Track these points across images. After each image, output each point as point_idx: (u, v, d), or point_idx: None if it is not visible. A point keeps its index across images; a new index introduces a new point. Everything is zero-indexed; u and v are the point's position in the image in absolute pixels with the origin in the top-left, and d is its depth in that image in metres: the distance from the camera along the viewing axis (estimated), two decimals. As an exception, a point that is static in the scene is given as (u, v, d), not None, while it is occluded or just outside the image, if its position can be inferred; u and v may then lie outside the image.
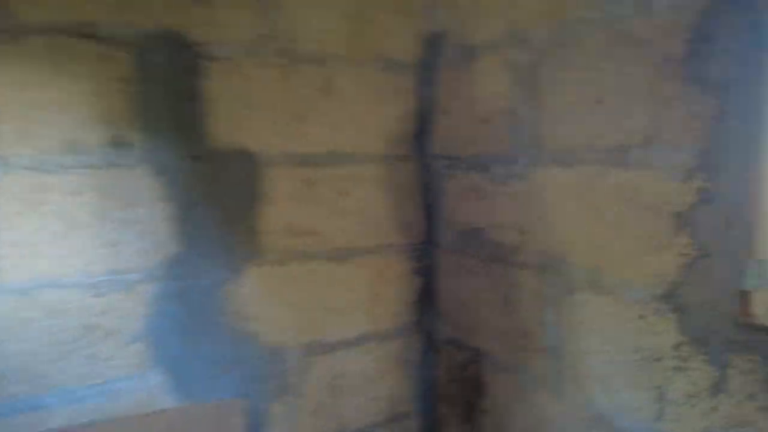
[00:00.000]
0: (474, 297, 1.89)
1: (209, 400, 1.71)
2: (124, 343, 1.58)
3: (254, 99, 1.75)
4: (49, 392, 1.51)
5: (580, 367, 1.49)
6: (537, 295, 1.62)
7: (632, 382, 1.35)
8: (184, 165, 1.62)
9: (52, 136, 1.45)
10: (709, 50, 1.15)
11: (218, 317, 1.72)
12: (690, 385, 1.23)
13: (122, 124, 1.52)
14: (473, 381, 1.93)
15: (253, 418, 1.81)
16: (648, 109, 1.27)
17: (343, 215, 1.91)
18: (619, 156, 1.35)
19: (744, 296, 1.12)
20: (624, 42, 1.31)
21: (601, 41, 1.37)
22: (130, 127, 1.53)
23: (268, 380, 1.83)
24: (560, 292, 1.54)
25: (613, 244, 1.37)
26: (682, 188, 1.21)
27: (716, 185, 1.16)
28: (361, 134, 1.92)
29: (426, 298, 2.11)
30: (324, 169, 1.87)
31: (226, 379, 1.75)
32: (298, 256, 1.84)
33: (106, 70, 1.49)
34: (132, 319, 1.58)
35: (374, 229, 1.97)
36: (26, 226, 1.44)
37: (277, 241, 1.79)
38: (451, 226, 1.98)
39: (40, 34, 1.42)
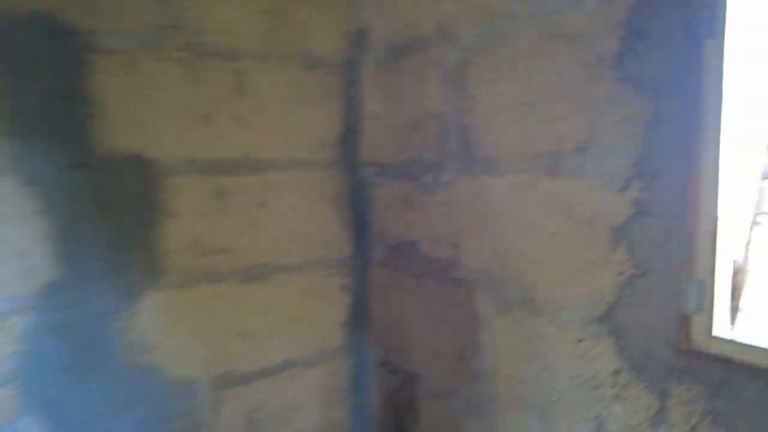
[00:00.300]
0: (407, 316, 1.75)
1: (99, 447, 1.48)
2: (-15, 389, 1.33)
3: (153, 98, 1.54)
4: None
5: (515, 393, 1.37)
6: (471, 314, 1.49)
7: (570, 411, 1.24)
8: (64, 175, 1.39)
9: None
10: (642, 47, 1.05)
11: (110, 350, 1.50)
12: (630, 415, 1.12)
13: (-20, 126, 1.28)
14: (407, 407, 1.79)
15: (155, 465, 1.59)
16: (581, 113, 1.16)
17: (261, 229, 1.72)
18: (552, 164, 1.24)
19: (683, 320, 1.02)
20: (555, 39, 1.20)
21: (531, 38, 1.26)
22: (-9, 131, 1.29)
23: (174, 419, 1.62)
24: (494, 312, 1.42)
25: (547, 259, 1.26)
26: (617, 199, 1.11)
27: (653, 195, 1.06)
28: (280, 138, 1.75)
29: (357, 318, 1.95)
30: (238, 178, 1.68)
31: (123, 420, 1.53)
32: (207, 276, 1.64)
33: (-44, 61, 1.26)
34: (-4, 360, 1.34)
35: (297, 243, 1.80)
36: None
37: (182, 261, 1.58)
38: (382, 238, 1.83)
39: None
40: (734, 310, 1.05)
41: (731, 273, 1.04)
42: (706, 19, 0.96)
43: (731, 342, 0.96)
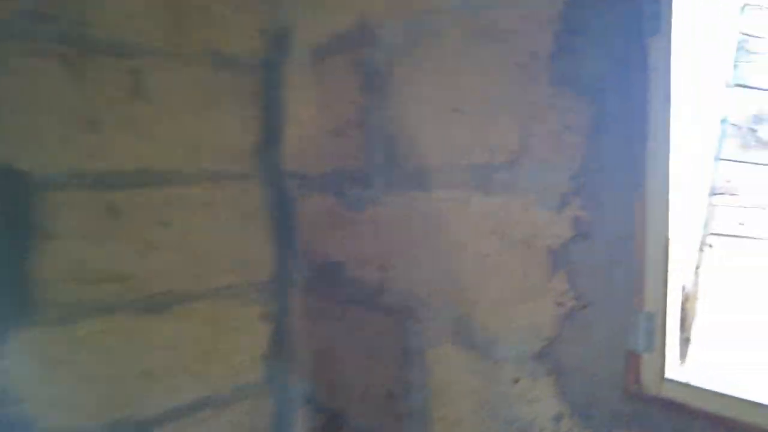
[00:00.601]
0: (334, 348, 1.56)
1: None
2: None
3: (24, 100, 1.29)
4: None
5: (448, 440, 1.20)
6: (401, 347, 1.32)
7: (507, 461, 1.07)
8: None
9: None
10: (580, 45, 0.91)
11: (-35, 403, 1.23)
12: (573, 468, 0.96)
13: None
14: (334, 450, 1.58)
15: None
16: (513, 120, 1.01)
17: (163, 251, 1.49)
18: (484, 178, 1.09)
19: (631, 359, 0.87)
20: (484, 37, 1.05)
21: (458, 37, 1.11)
22: None
23: (52, 479, 1.35)
24: (426, 344, 1.25)
25: (480, 286, 1.10)
26: (554, 218, 0.96)
27: (595, 214, 0.91)
28: (186, 147, 1.53)
29: (279, 350, 1.74)
30: (134, 192, 1.45)
31: (-14, 486, 1.26)
32: (96, 308, 1.40)
33: None
34: None
35: (207, 266, 1.57)
36: None
37: (63, 292, 1.34)
38: (307, 259, 1.64)
39: None
40: (684, 342, 0.91)
41: (681, 301, 0.90)
42: (650, 14, 0.83)
43: (686, 385, 0.82)
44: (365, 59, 1.38)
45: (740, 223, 1.07)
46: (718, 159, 1.02)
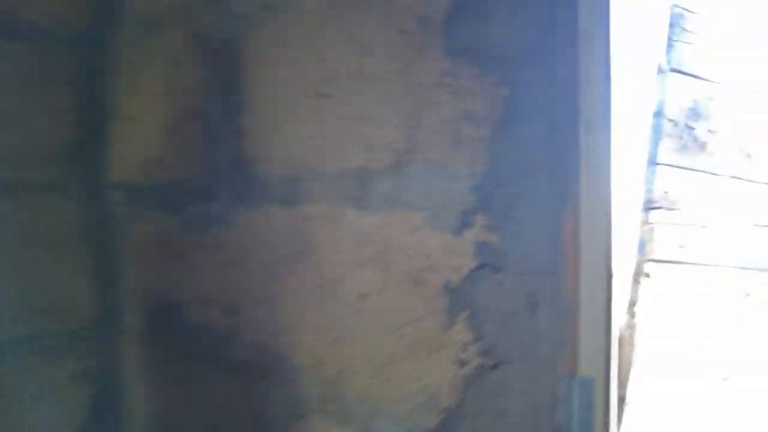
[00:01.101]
0: (174, 418, 1.17)
1: None
2: None
3: None
4: None
5: None
6: (254, 419, 0.98)
7: None
8: None
9: None
10: (488, 3, 0.64)
11: None
12: None
13: None
14: None
15: None
16: (397, 107, 0.77)
17: None
18: (359, 187, 0.81)
19: (562, 445, 0.60)
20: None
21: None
22: None
23: None
24: (287, 416, 0.92)
25: (356, 339, 0.82)
26: (453, 244, 0.71)
27: (507, 238, 0.69)
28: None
29: (102, 421, 1.30)
30: None
31: None
32: None
33: None
34: None
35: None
36: None
37: None
38: (138, 299, 1.24)
39: None
40: (620, 402, 0.65)
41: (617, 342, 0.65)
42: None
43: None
44: (210, 32, 1.05)
45: (680, 246, 0.87)
46: (653, 164, 0.81)
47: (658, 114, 0.86)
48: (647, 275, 0.85)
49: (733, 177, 1.06)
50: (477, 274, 0.72)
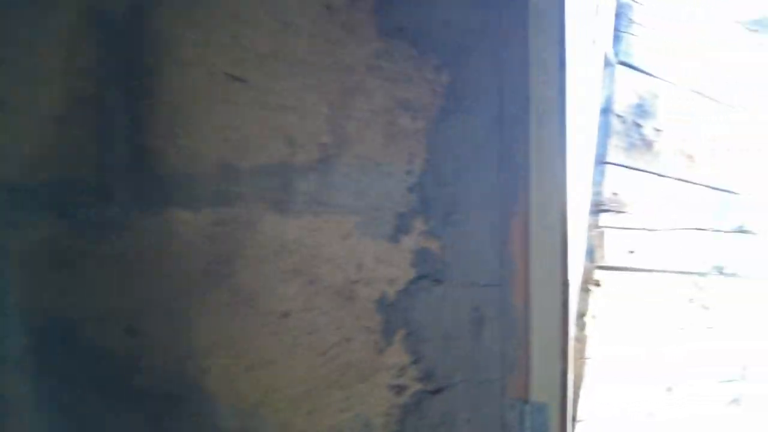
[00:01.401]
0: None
1: None
2: None
3: None
4: None
5: None
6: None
7: None
8: None
9: None
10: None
11: None
12: None
13: None
14: None
15: None
16: (323, 94, 0.70)
17: None
18: (279, 187, 0.72)
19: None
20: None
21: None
22: None
23: None
24: (198, 454, 0.81)
25: (276, 363, 0.78)
26: (388, 252, 0.65)
27: (448, 245, 0.60)
28: None
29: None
30: None
31: None
32: None
33: None
34: None
35: None
36: None
37: None
38: (21, 318, 1.07)
39: None
40: (572, 421, 0.59)
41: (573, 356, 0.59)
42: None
43: None
44: (107, 6, 0.91)
45: (630, 251, 0.83)
46: (601, 163, 0.76)
47: (606, 110, 0.83)
48: (597, 283, 0.81)
49: (679, 179, 1.06)
50: (415, 286, 0.64)
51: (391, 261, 0.66)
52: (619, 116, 0.84)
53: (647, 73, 0.94)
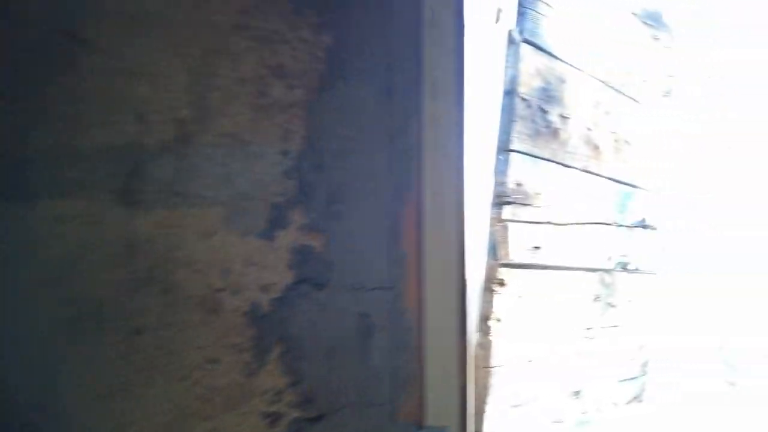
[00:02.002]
0: None
1: None
2: None
3: None
4: None
5: None
6: None
7: None
8: None
9: None
10: None
11: None
12: None
13: None
14: None
15: None
16: (185, 60, 0.65)
17: None
18: (127, 173, 0.58)
19: None
20: None
21: None
22: None
23: None
24: None
25: (128, 390, 0.67)
26: (261, 252, 0.55)
27: (332, 241, 0.58)
28: None
29: None
30: None
31: None
32: None
33: None
34: None
35: None
36: None
37: None
38: None
39: None
40: None
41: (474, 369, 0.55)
42: None
43: None
44: None
45: (536, 247, 0.79)
46: (504, 150, 0.71)
47: (510, 92, 0.79)
48: (501, 283, 0.76)
49: (584, 170, 1.06)
50: (294, 293, 0.57)
51: (265, 263, 0.58)
52: (524, 99, 0.81)
53: (554, 56, 0.92)
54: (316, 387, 0.60)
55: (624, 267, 1.26)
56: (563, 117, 1.01)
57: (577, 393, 1.09)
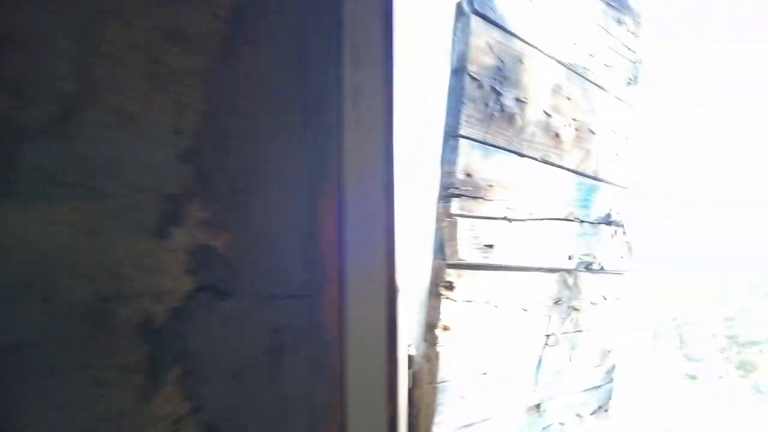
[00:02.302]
0: None
1: None
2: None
3: None
4: None
5: None
6: None
7: None
8: None
9: None
10: None
11: None
12: None
13: None
14: None
15: None
16: (65, 24, 0.47)
17: None
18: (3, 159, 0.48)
19: None
20: None
21: None
22: None
23: None
24: None
25: (9, 418, 0.49)
26: (154, 254, 0.44)
27: (236, 240, 0.41)
28: None
29: None
30: None
31: None
32: None
33: None
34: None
35: None
36: None
37: None
38: None
39: None
40: None
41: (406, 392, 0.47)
42: None
43: None
44: None
45: (488, 246, 0.72)
46: (452, 137, 0.64)
47: (459, 71, 0.71)
48: (450, 286, 0.69)
49: (543, 161, 0.99)
50: (194, 303, 0.49)
51: (159, 266, 0.49)
52: (474, 79, 0.74)
53: (510, 32, 0.85)
54: (221, 415, 0.52)
55: (587, 267, 1.21)
56: (520, 101, 0.93)
57: (537, 407, 1.03)
